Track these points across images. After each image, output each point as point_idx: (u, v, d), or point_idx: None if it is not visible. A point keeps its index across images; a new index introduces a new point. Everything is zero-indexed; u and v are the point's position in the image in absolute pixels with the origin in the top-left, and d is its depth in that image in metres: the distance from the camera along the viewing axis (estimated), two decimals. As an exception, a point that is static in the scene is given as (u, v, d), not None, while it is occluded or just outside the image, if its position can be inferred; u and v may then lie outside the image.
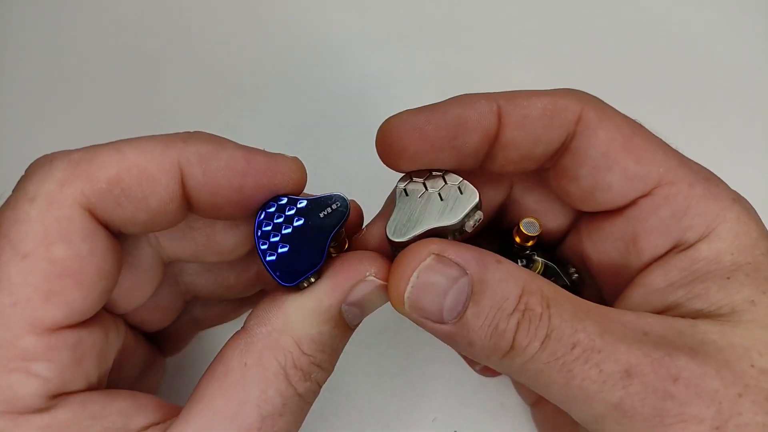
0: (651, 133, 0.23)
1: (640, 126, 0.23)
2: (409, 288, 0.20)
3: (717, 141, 0.37)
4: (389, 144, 0.22)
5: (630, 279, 0.23)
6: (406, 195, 0.22)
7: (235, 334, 0.21)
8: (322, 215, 0.22)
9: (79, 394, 0.19)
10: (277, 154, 0.21)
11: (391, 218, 0.22)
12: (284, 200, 0.22)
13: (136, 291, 0.23)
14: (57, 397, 0.19)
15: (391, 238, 0.22)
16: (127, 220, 0.19)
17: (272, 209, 0.21)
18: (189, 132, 0.20)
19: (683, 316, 0.21)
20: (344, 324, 0.22)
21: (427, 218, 0.22)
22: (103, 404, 0.19)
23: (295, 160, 0.22)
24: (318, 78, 0.39)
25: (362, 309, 0.22)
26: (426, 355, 0.32)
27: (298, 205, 0.22)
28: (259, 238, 0.21)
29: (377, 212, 0.25)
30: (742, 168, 0.36)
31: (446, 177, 0.22)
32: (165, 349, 0.29)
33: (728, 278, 0.21)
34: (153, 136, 0.20)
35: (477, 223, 0.22)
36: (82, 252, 0.18)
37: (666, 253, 0.22)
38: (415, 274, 0.20)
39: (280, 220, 0.21)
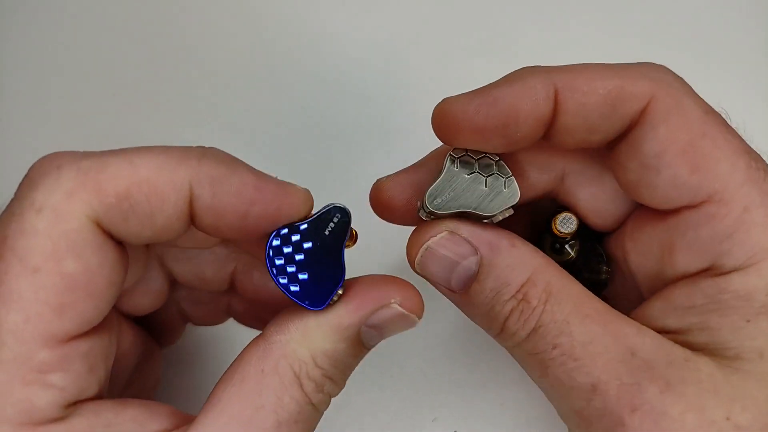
0: (732, 135, 0.20)
1: (721, 124, 0.20)
2: (418, 256, 0.22)
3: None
4: (444, 125, 0.22)
5: (662, 287, 0.22)
6: (456, 168, 0.22)
7: (253, 339, 0.21)
8: (327, 233, 0.22)
9: (92, 402, 0.19)
10: (288, 184, 0.21)
11: (435, 184, 0.22)
12: (285, 230, 0.21)
13: (129, 275, 0.23)
14: (72, 406, 0.19)
15: (428, 205, 0.22)
16: (131, 234, 0.19)
17: (278, 242, 0.21)
18: (203, 148, 0.20)
19: (689, 344, 0.20)
20: (360, 344, 0.22)
21: (466, 200, 0.22)
22: (116, 412, 0.19)
23: (306, 192, 0.21)
24: (318, 72, 0.39)
25: (381, 332, 0.22)
26: (426, 355, 0.32)
27: (301, 229, 0.21)
28: (276, 275, 0.21)
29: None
30: None
31: (498, 166, 0.22)
32: (158, 340, 0.29)
33: (749, 321, 0.19)
34: (166, 148, 0.19)
35: (504, 218, 0.22)
36: (91, 264, 0.18)
37: (698, 273, 0.20)
38: (425, 245, 0.21)
39: (290, 249, 0.21)
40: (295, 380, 0.20)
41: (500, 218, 0.22)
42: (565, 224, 0.23)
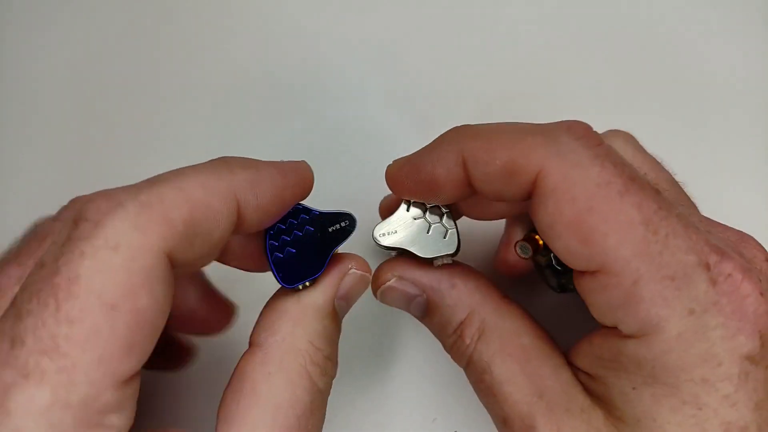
0: (629, 205, 0.19)
1: (615, 196, 0.19)
2: (378, 294, 0.26)
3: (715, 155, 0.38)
4: (390, 185, 0.25)
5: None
6: (407, 211, 0.25)
7: (245, 353, 0.22)
8: (331, 230, 0.24)
9: None
10: (296, 162, 0.23)
11: (384, 221, 0.25)
12: (300, 206, 0.24)
13: None
14: None
15: (374, 236, 0.25)
16: (195, 257, 0.19)
17: (290, 211, 0.23)
18: (222, 159, 0.21)
19: (595, 392, 0.21)
20: (338, 316, 0.24)
21: (408, 240, 0.25)
22: None
23: (307, 164, 0.24)
24: (314, 82, 0.39)
25: (348, 300, 0.25)
26: (426, 356, 0.32)
27: (312, 214, 0.24)
28: (272, 235, 0.23)
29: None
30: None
31: (444, 217, 0.25)
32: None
33: (634, 388, 0.20)
34: (195, 167, 0.20)
35: (445, 263, 0.25)
36: (159, 298, 0.18)
37: (611, 328, 0.21)
38: (381, 289, 0.25)
39: (295, 222, 0.23)
40: (303, 371, 0.21)
41: (440, 264, 0.25)
42: (523, 250, 0.25)
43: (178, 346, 0.30)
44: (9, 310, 0.17)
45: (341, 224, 0.24)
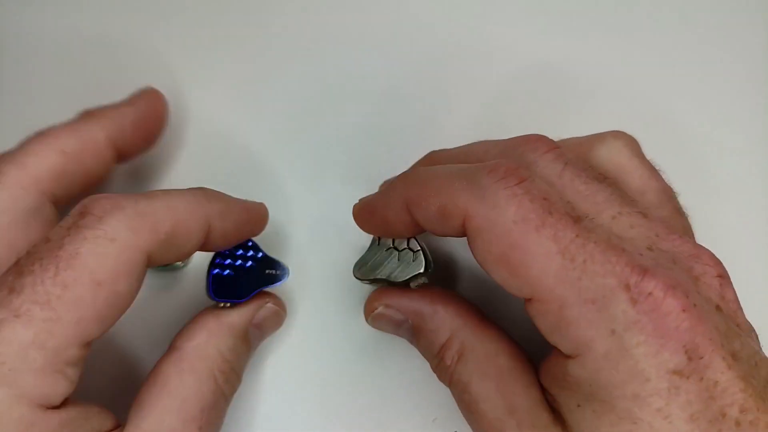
0: (545, 238, 0.21)
1: (532, 231, 0.21)
2: (369, 320, 0.29)
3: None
4: (355, 222, 0.28)
5: None
6: (377, 245, 0.29)
7: (164, 354, 0.26)
8: (267, 272, 0.29)
9: (72, 402, 0.23)
10: (258, 204, 0.29)
11: (361, 257, 0.29)
12: (253, 243, 0.29)
13: None
14: (66, 400, 0.22)
15: (354, 274, 0.30)
16: (164, 261, 0.24)
17: (240, 244, 0.29)
18: (203, 189, 0.26)
19: (555, 409, 0.23)
20: (248, 340, 0.28)
21: (382, 270, 0.28)
22: (80, 411, 0.23)
23: (266, 207, 0.30)
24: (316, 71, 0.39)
25: (261, 330, 0.29)
26: (426, 355, 0.32)
27: (258, 254, 0.29)
28: (216, 256, 0.28)
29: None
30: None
31: (410, 242, 0.28)
32: None
33: (579, 406, 0.21)
34: (182, 192, 0.25)
35: (421, 285, 0.28)
36: (132, 287, 0.23)
37: (558, 349, 0.22)
38: (371, 316, 0.29)
39: (240, 253, 0.29)
40: (210, 374, 0.25)
41: (416, 286, 0.28)
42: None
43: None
44: (11, 268, 0.22)
45: (276, 271, 0.29)
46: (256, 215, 0.29)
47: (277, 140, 0.37)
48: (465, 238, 0.24)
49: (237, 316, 0.28)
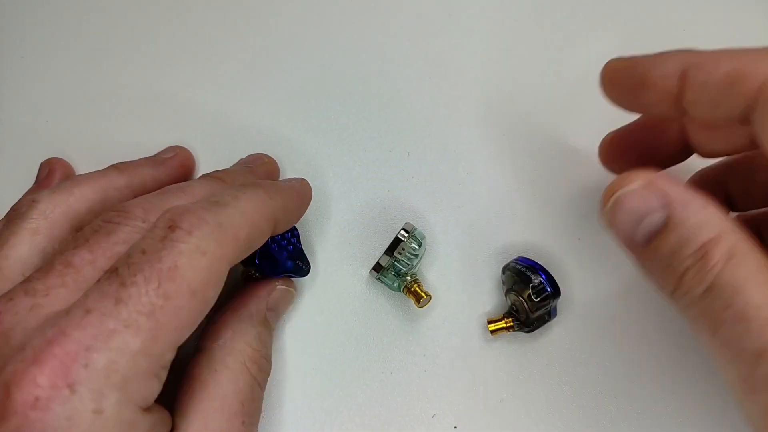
0: None
1: None
2: (608, 207, 0.23)
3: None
4: (602, 76, 0.26)
5: None
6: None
7: (192, 358, 0.27)
8: (297, 263, 0.32)
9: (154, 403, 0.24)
10: (304, 184, 0.32)
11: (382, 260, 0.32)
12: (297, 231, 0.32)
13: None
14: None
15: (375, 272, 0.32)
16: (238, 261, 0.25)
17: (297, 232, 0.33)
18: (261, 186, 0.28)
19: None
20: (269, 324, 0.30)
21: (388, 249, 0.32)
22: (161, 410, 0.24)
23: (309, 184, 0.32)
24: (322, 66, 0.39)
25: (276, 311, 0.31)
26: (426, 350, 0.33)
27: (298, 245, 0.32)
28: (273, 241, 0.31)
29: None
30: None
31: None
32: None
33: None
34: (245, 194, 0.26)
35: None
36: (217, 293, 0.24)
37: None
38: (616, 195, 0.23)
39: (287, 236, 0.32)
40: (242, 367, 0.27)
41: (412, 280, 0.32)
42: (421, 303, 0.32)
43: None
44: (111, 278, 0.22)
45: (303, 266, 0.32)
46: (306, 197, 0.31)
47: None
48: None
49: (253, 306, 0.29)
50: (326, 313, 0.33)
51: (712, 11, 0.39)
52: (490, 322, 0.32)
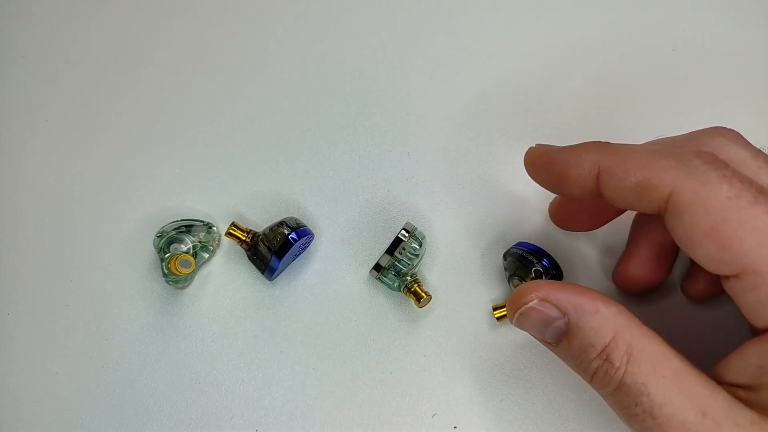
0: (761, 211, 0.21)
1: (746, 206, 0.22)
2: (515, 319, 0.26)
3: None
4: (526, 164, 0.28)
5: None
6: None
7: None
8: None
9: None
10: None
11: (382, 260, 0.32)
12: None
13: None
14: None
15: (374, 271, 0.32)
16: None
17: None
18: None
19: (757, 403, 0.22)
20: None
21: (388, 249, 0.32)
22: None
23: None
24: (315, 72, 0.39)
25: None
26: (426, 350, 0.32)
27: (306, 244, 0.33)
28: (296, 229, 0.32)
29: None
30: None
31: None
32: None
33: None
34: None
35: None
36: None
37: (766, 331, 0.22)
38: (521, 310, 0.25)
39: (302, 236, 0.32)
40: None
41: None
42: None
43: None
44: None
45: (273, 270, 0.32)
46: None
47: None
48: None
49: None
50: (326, 313, 0.33)
51: (712, 11, 0.39)
52: (495, 309, 0.32)
